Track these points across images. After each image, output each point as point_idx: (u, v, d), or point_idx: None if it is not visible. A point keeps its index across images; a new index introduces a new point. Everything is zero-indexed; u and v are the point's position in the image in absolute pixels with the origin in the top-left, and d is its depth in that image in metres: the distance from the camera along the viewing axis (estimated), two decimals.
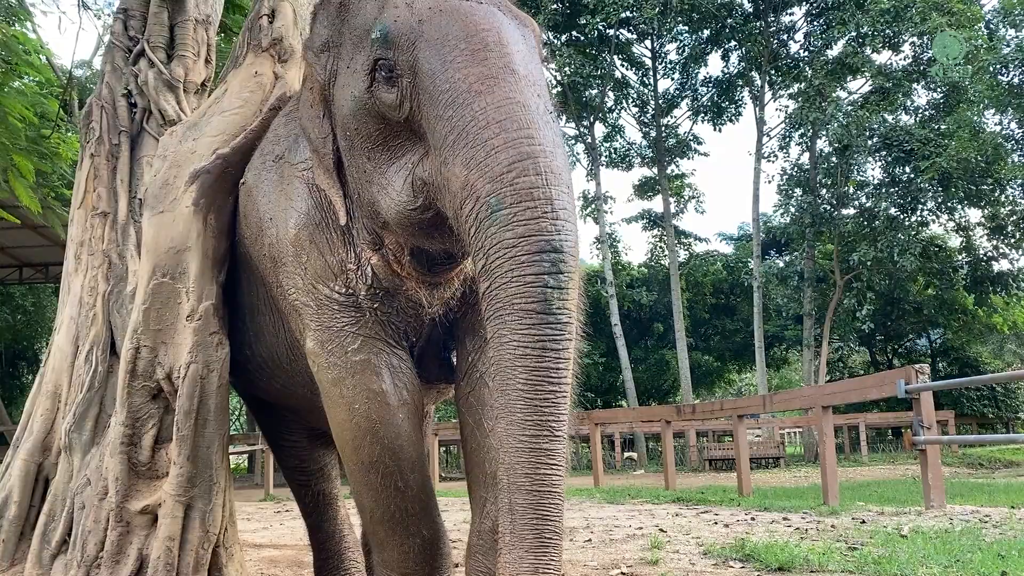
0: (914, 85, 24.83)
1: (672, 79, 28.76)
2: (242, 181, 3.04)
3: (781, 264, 29.98)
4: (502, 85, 1.95)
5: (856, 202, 25.55)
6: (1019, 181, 22.94)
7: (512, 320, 1.80)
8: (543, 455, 1.78)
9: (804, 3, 25.90)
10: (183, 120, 3.64)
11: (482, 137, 1.89)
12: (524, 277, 1.79)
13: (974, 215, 25.89)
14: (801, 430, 26.76)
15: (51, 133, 8.27)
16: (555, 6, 24.92)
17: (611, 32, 26.27)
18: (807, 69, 25.35)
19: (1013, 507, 6.50)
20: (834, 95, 24.77)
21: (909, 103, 25.47)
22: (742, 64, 26.97)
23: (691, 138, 28.98)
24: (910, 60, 24.80)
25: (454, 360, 2.95)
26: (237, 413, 32.19)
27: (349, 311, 2.54)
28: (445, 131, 1.97)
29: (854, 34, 23.87)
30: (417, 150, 2.14)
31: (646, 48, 28.61)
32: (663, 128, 28.39)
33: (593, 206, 28.29)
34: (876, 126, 23.58)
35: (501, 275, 1.81)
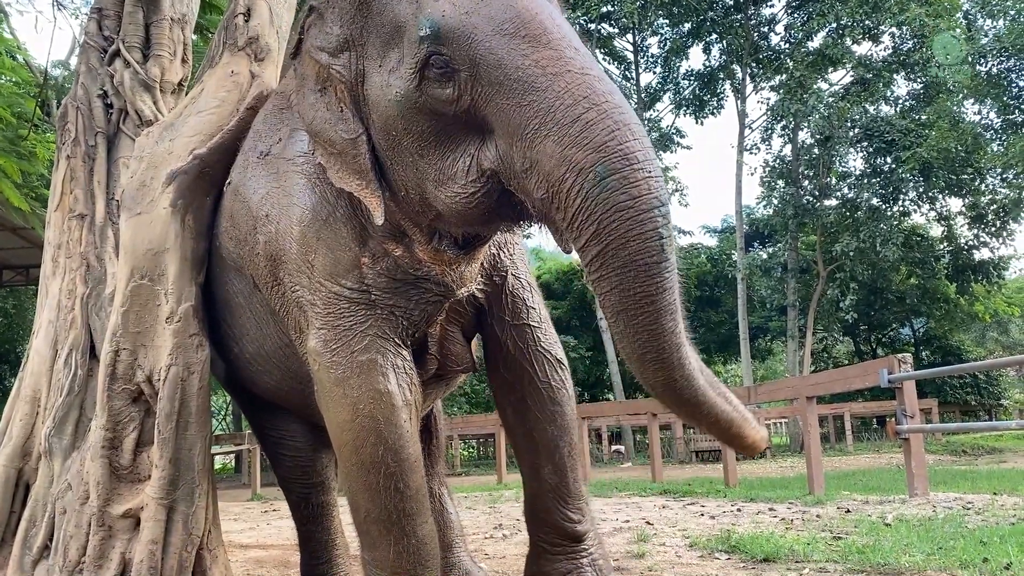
0: (894, 76, 24.99)
1: (654, 73, 28.82)
2: (228, 181, 3.01)
3: (764, 256, 30.07)
4: (575, 63, 2.03)
5: (838, 193, 25.69)
6: (999, 170, 23.12)
7: (635, 274, 1.93)
8: (672, 372, 2.03)
9: None
10: (159, 120, 3.61)
11: (573, 113, 1.96)
12: (644, 233, 1.91)
13: (955, 204, 26.12)
14: (787, 420, 26.90)
15: (28, 133, 8.20)
16: None
17: (592, 27, 26.25)
18: (788, 61, 25.44)
19: (995, 494, 6.56)
20: (815, 87, 24.86)
21: (889, 94, 25.64)
22: (723, 57, 27.03)
23: (674, 131, 29.03)
24: (890, 51, 24.97)
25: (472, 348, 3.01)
26: (223, 413, 32.11)
27: (359, 308, 2.53)
28: (527, 116, 1.99)
29: (834, 25, 23.99)
30: (473, 139, 2.15)
31: (628, 42, 28.67)
32: (646, 122, 28.42)
33: None
34: (857, 117, 23.74)
35: (620, 235, 1.92)
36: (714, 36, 26.53)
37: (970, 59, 20.70)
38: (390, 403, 2.50)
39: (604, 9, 24.88)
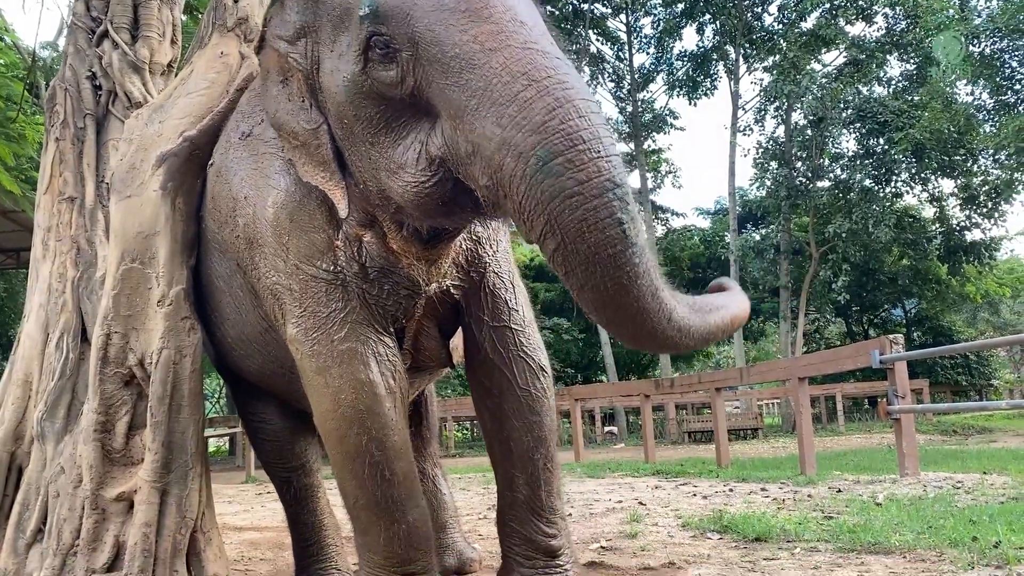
0: (887, 56, 24.96)
1: (647, 54, 28.77)
2: (210, 163, 2.98)
3: (757, 237, 30.13)
4: (516, 37, 1.89)
5: (831, 174, 25.72)
6: (991, 151, 23.15)
7: (604, 268, 1.80)
8: (655, 337, 1.96)
9: None
10: (149, 102, 3.57)
11: (511, 91, 1.83)
12: (600, 222, 1.77)
13: (947, 186, 26.14)
14: (779, 401, 27.04)
15: (17, 116, 8.14)
16: None
17: (585, 6, 26.13)
18: (781, 42, 25.39)
19: (985, 473, 6.61)
20: (808, 67, 24.82)
21: (883, 74, 25.62)
22: (717, 38, 26.99)
23: (667, 113, 28.97)
24: (883, 31, 24.92)
25: (452, 344, 2.96)
26: (216, 396, 32.08)
27: (336, 293, 2.49)
28: (464, 96, 1.88)
29: (827, 6, 23.96)
30: (423, 125, 2.06)
31: (621, 22, 28.53)
32: (639, 103, 28.35)
33: None
34: (850, 98, 23.72)
35: (575, 226, 1.78)
36: (707, 16, 26.47)
37: (963, 39, 20.65)
38: (372, 392, 2.48)
39: None
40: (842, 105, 23.61)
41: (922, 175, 24.44)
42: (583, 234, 1.78)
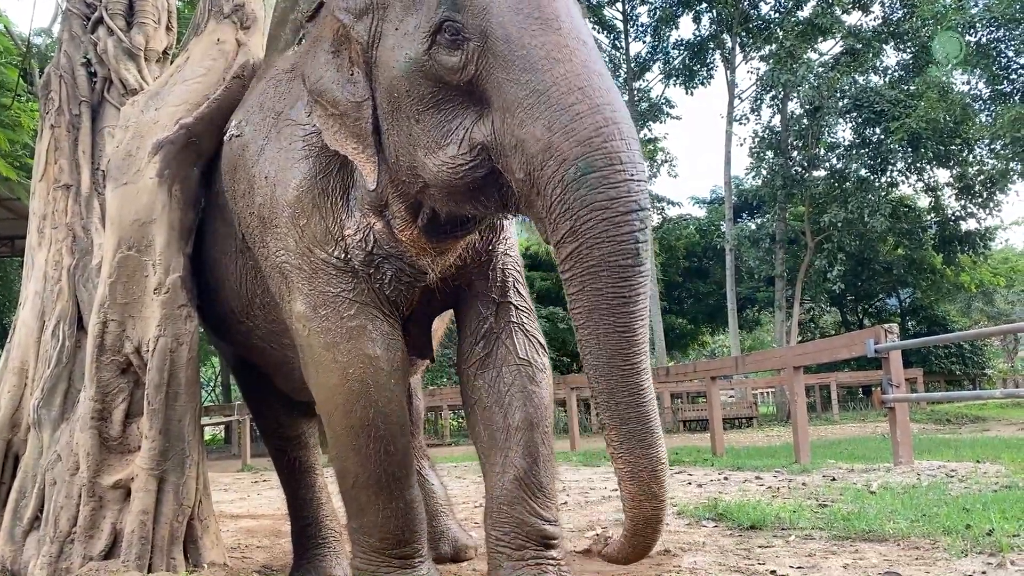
0: (884, 46, 24.92)
1: (643, 42, 28.63)
2: (237, 133, 2.95)
3: (753, 227, 30.12)
4: (578, 54, 2.05)
5: (827, 164, 25.69)
6: (987, 141, 23.15)
7: (608, 275, 1.97)
8: (641, 380, 2.05)
9: None
10: (145, 89, 3.56)
11: (566, 102, 1.99)
12: (619, 236, 1.95)
13: (943, 175, 26.13)
14: (774, 390, 27.11)
15: (12, 103, 8.11)
16: None
17: None
18: (778, 31, 25.32)
19: (978, 462, 6.64)
20: (805, 57, 24.77)
21: (879, 64, 25.59)
22: (713, 26, 26.86)
23: (663, 102, 28.90)
24: (880, 20, 24.87)
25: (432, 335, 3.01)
26: (212, 384, 32.09)
27: (345, 277, 2.57)
28: (522, 94, 2.03)
29: None
30: (471, 113, 2.18)
31: (617, 11, 28.42)
32: (635, 92, 28.28)
33: None
34: (847, 87, 23.69)
35: (595, 235, 1.96)
36: (704, 5, 26.34)
37: (959, 29, 20.64)
38: (379, 367, 2.53)
39: None
40: (838, 94, 23.57)
41: (918, 165, 24.44)
42: (601, 243, 1.96)
